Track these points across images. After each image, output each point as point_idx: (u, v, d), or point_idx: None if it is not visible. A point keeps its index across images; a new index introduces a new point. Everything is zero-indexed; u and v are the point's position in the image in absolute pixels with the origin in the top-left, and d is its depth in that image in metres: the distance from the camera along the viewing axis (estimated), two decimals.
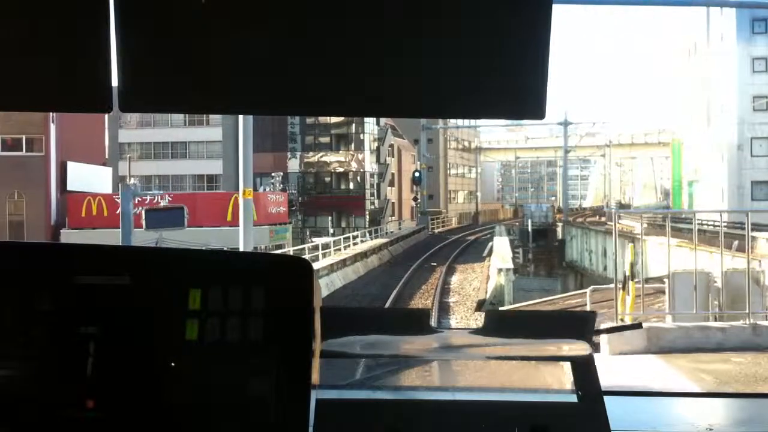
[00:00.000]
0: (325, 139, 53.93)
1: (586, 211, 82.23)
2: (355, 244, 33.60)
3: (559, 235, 39.23)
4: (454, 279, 25.99)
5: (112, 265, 1.19)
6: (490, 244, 27.95)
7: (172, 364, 1.14)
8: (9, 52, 0.88)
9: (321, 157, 54.19)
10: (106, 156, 46.87)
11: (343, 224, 53.28)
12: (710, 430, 1.50)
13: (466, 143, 76.70)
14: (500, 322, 1.35)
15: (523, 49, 0.89)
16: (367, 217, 53.11)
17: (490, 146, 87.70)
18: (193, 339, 1.15)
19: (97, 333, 1.15)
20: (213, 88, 0.91)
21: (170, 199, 34.44)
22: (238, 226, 13.09)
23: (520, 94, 0.91)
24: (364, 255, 29.54)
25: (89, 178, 39.78)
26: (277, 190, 47.52)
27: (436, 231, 50.82)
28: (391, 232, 44.49)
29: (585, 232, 32.48)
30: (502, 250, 26.61)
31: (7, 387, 1.13)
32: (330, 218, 50.95)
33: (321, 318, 1.22)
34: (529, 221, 48.91)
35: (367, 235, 41.18)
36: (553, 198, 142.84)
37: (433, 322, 1.40)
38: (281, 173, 49.02)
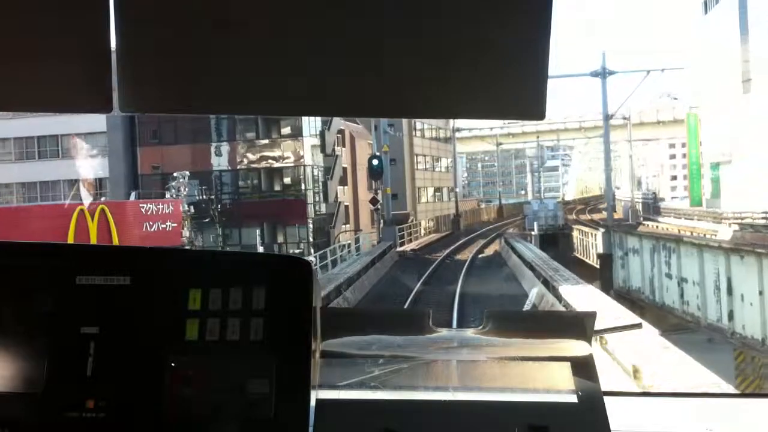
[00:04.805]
0: (250, 126, 40.07)
1: (570, 204, 69.57)
2: None
3: (598, 247, 25.70)
4: None
5: (113, 266, 1.20)
6: (534, 290, 13.68)
7: (173, 363, 1.14)
8: (10, 52, 0.89)
9: (247, 148, 40.37)
10: None
11: (279, 238, 39.53)
12: (710, 430, 1.50)
13: (434, 131, 62.69)
14: (500, 322, 1.35)
15: (523, 49, 0.89)
16: (311, 226, 39.35)
17: (463, 134, 74.02)
18: (193, 339, 1.16)
19: (98, 333, 1.16)
20: (213, 88, 0.92)
21: None
22: None
23: (520, 94, 0.92)
24: None
25: None
26: (182, 196, 33.81)
27: (408, 249, 34.64)
28: (343, 256, 28.34)
29: (664, 246, 19.16)
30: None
31: (7, 386, 1.13)
32: (259, 230, 37.19)
33: (321, 318, 1.25)
34: (535, 224, 35.75)
35: (310, 256, 27.14)
36: (523, 192, 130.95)
37: None
38: (187, 173, 35.01)
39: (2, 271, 1.18)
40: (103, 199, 33.20)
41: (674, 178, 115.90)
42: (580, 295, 15.49)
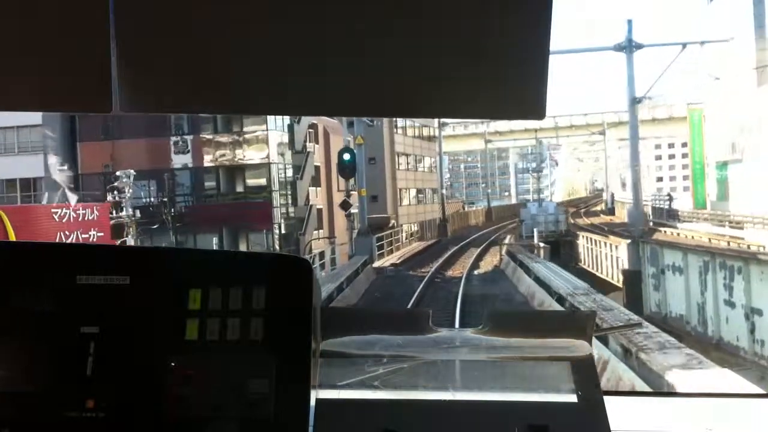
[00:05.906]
0: (208, 118, 35.24)
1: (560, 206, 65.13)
2: None
3: (622, 261, 21.13)
4: None
5: (113, 265, 1.20)
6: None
7: (173, 363, 1.15)
8: (10, 52, 0.89)
9: (205, 144, 35.62)
10: None
11: (241, 245, 34.72)
12: (710, 430, 1.49)
13: (417, 129, 57.85)
14: (500, 322, 1.35)
15: (523, 49, 0.89)
16: (277, 231, 34.63)
17: (447, 131, 69.29)
18: (193, 339, 1.16)
19: (98, 333, 1.16)
20: (213, 88, 0.92)
21: None
22: None
23: (520, 94, 0.92)
24: None
25: None
26: (127, 198, 28.99)
27: (388, 264, 28.32)
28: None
29: (722, 264, 14.67)
30: None
31: (7, 386, 1.14)
32: (216, 238, 32.47)
33: (321, 318, 1.26)
34: (534, 231, 31.22)
35: None
36: (507, 193, 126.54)
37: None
38: (132, 172, 30.09)
39: (2, 271, 1.19)
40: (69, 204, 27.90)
41: (660, 179, 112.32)
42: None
